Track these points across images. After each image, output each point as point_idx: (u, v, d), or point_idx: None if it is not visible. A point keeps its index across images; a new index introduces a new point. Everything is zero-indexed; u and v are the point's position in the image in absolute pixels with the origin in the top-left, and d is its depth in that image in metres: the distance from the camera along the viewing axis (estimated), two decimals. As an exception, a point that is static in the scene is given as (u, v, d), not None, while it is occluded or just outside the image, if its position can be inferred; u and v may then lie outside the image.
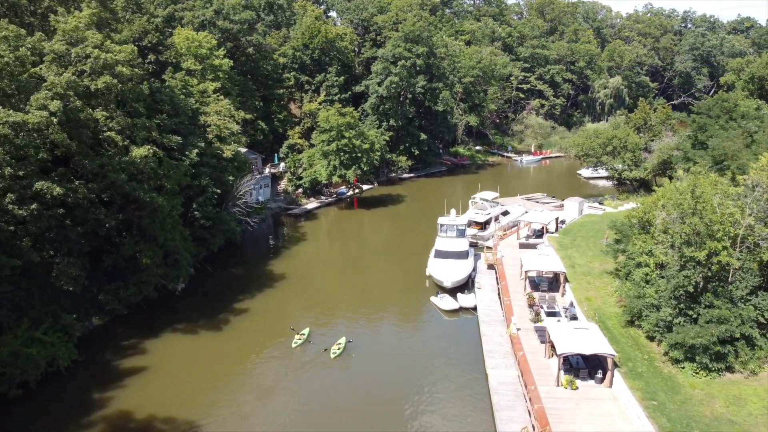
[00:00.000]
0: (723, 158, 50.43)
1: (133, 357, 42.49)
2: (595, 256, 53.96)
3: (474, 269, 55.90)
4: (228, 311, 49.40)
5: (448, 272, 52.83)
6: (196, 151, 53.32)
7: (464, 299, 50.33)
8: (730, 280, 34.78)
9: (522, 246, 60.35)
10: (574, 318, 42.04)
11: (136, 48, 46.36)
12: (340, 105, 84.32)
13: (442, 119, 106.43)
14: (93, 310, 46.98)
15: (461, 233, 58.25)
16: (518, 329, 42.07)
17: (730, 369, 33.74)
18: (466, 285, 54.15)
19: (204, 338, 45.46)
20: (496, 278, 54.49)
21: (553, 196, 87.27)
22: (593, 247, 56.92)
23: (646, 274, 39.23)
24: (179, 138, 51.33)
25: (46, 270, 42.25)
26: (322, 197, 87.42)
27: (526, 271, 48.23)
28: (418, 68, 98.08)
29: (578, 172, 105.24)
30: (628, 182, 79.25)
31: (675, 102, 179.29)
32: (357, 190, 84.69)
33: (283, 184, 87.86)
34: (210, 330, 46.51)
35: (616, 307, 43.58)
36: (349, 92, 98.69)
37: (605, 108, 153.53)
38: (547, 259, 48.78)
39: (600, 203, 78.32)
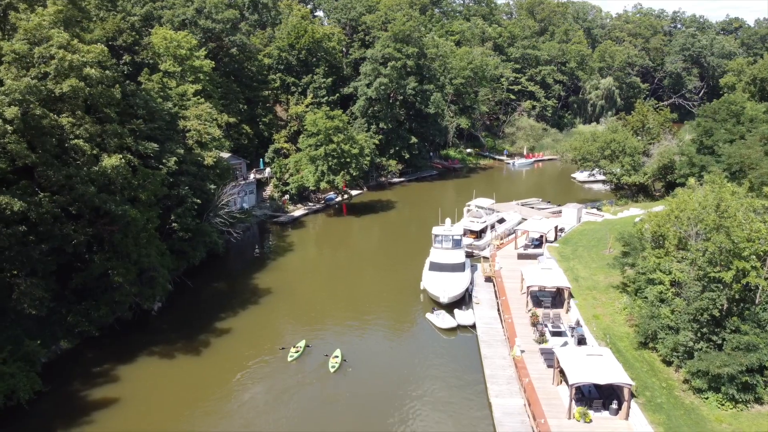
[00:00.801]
0: (740, 167, 47.79)
1: (104, 385, 38.86)
2: (600, 269, 51.08)
3: (471, 282, 52.79)
4: (209, 331, 45.88)
5: (444, 287, 49.67)
6: (174, 158, 49.75)
7: (462, 316, 47.21)
8: (756, 302, 31.95)
9: (521, 256, 57.39)
10: (582, 339, 39.05)
11: (106, 48, 42.73)
12: (327, 108, 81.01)
13: (433, 122, 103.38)
14: (61, 333, 43.30)
15: (457, 244, 55.14)
16: (522, 351, 39.03)
17: (759, 401, 30.91)
18: (463, 299, 51.06)
19: (182, 362, 41.94)
20: (495, 292, 51.48)
21: (549, 201, 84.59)
22: (596, 258, 54.05)
23: (661, 292, 36.34)
24: (155, 145, 47.78)
25: (7, 292, 38.58)
26: (310, 204, 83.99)
27: (528, 287, 45.19)
28: (408, 69, 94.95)
29: (572, 175, 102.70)
30: (626, 187, 76.63)
31: (665, 103, 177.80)
32: (346, 196, 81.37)
33: (268, 191, 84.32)
34: (189, 353, 42.99)
35: (626, 326, 40.68)
36: (337, 94, 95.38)
37: (597, 109, 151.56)
38: (550, 274, 45.77)
39: (598, 209, 75.69)
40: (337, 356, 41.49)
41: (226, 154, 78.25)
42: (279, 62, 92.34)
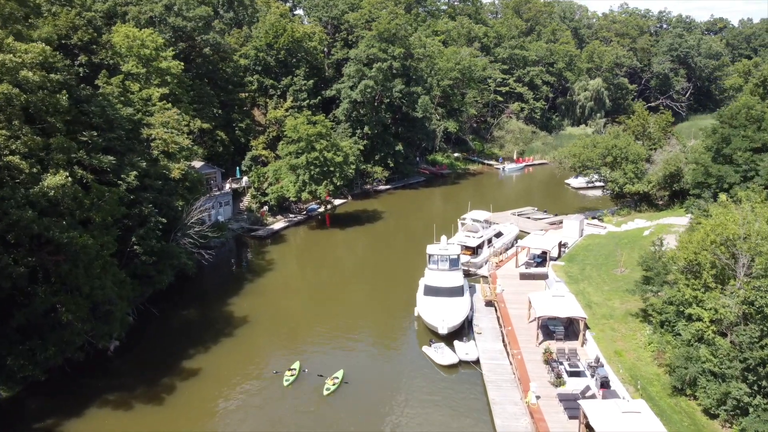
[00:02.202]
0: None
1: (47, 446, 32.89)
2: (613, 292, 46.09)
3: (471, 308, 47.46)
4: (174, 373, 39.91)
5: (442, 315, 44.27)
6: (134, 173, 43.70)
7: (463, 349, 41.79)
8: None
9: (523, 276, 52.27)
10: (605, 382, 33.91)
11: (50, 48, 36.68)
12: (309, 112, 75.28)
13: (421, 126, 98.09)
14: (1, 379, 37.12)
15: (455, 264, 49.86)
16: (538, 398, 33.80)
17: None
18: (463, 328, 45.71)
19: (143, 412, 36.00)
20: (498, 319, 46.29)
21: (545, 211, 79.82)
22: (607, 279, 49.11)
23: (699, 330, 31.35)
24: (112, 158, 41.75)
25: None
26: (291, 215, 78.14)
27: (538, 318, 39.98)
28: (394, 71, 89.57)
29: (566, 181, 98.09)
30: (628, 196, 72.02)
31: (653, 104, 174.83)
32: (329, 206, 75.68)
33: (246, 201, 78.32)
34: (151, 401, 37.02)
35: (653, 365, 35.68)
36: (319, 97, 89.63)
37: (585, 111, 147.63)
38: (562, 302, 40.62)
39: (600, 220, 70.96)
40: (336, 377, 38.29)
41: (198, 163, 72.32)
42: (256, 63, 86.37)
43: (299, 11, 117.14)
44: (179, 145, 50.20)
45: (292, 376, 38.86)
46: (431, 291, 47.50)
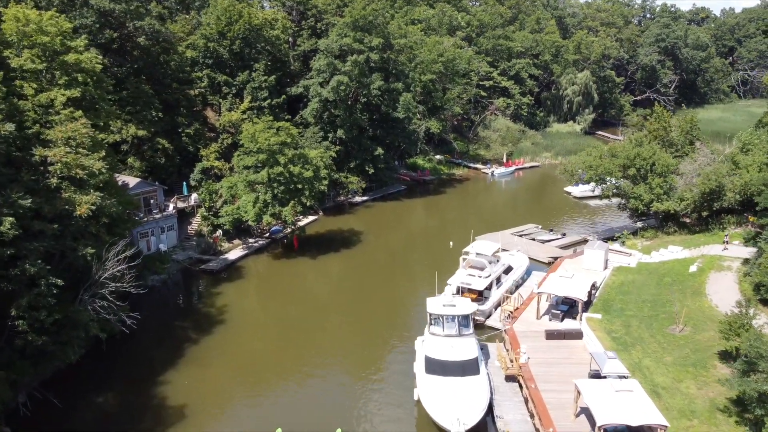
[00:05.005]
0: None
1: None
2: (681, 367, 34.31)
3: (490, 389, 35.18)
4: None
5: (455, 409, 31.90)
6: (10, 220, 30.10)
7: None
8: None
9: (550, 336, 40.20)
10: None
11: None
12: (270, 116, 61.97)
13: (401, 128, 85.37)
14: None
15: (465, 325, 37.59)
16: None
17: None
18: (484, 419, 33.50)
19: None
20: (525, 401, 34.33)
21: (551, 230, 68.27)
22: (665, 342, 37.35)
23: None
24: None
25: None
26: (250, 240, 64.74)
27: (601, 427, 27.73)
28: (372, 64, 76.55)
29: (566, 189, 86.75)
30: (652, 214, 60.85)
31: (639, 98, 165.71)
32: (297, 228, 62.60)
33: (195, 224, 64.64)
34: None
35: None
36: (283, 96, 75.88)
37: (573, 106, 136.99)
38: (632, 403, 28.37)
39: (622, 243, 59.65)
40: None
41: (134, 180, 58.57)
42: (206, 55, 72.25)
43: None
44: (88, 170, 36.49)
45: None
46: (437, 368, 35.09)
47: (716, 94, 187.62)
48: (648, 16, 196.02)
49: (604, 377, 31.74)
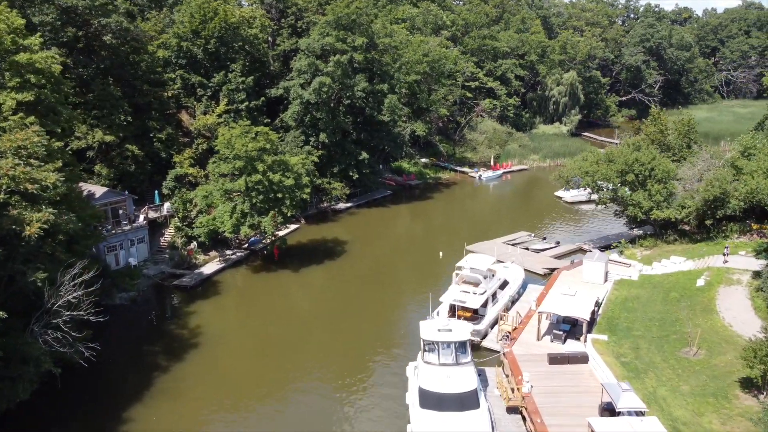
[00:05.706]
0: None
1: None
2: (700, 397, 31.32)
3: (492, 424, 31.80)
4: None
5: (455, 450, 28.63)
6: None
7: None
8: None
9: (553, 360, 37.03)
10: None
11: None
12: (248, 120, 58.16)
13: (386, 131, 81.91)
14: None
15: (463, 352, 34.20)
16: None
17: None
18: (484, 459, 30.24)
19: None
20: (530, 436, 31.16)
21: (544, 238, 65.36)
22: (679, 368, 34.33)
23: None
24: None
25: None
26: (227, 252, 60.84)
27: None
28: (356, 65, 72.99)
29: (556, 194, 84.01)
30: (650, 222, 58.17)
31: (624, 98, 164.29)
32: (277, 239, 58.89)
33: (168, 236, 60.52)
34: None
35: None
36: (262, 98, 71.97)
37: (560, 107, 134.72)
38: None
39: (620, 252, 56.92)
40: None
41: (101, 189, 54.48)
42: (179, 55, 68.08)
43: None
44: (40, 185, 32.49)
45: None
46: (432, 401, 31.64)
47: (700, 95, 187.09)
48: (632, 16, 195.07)
49: (619, 413, 28.61)
